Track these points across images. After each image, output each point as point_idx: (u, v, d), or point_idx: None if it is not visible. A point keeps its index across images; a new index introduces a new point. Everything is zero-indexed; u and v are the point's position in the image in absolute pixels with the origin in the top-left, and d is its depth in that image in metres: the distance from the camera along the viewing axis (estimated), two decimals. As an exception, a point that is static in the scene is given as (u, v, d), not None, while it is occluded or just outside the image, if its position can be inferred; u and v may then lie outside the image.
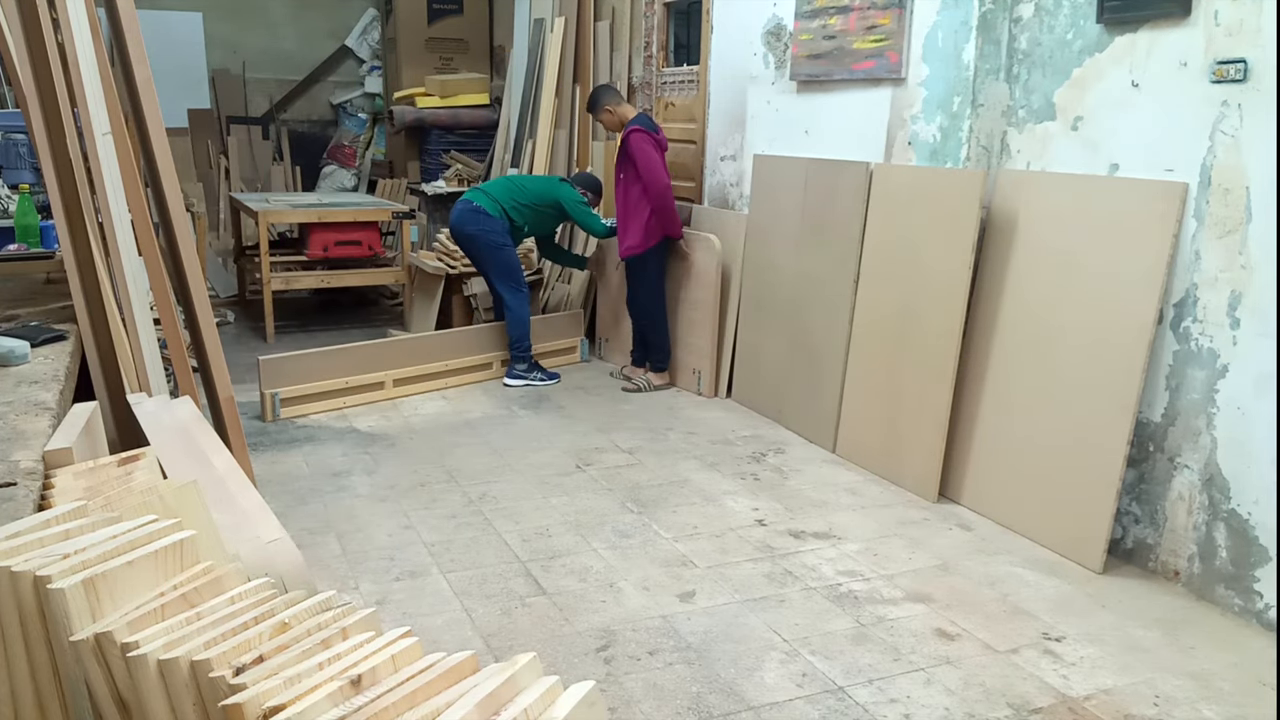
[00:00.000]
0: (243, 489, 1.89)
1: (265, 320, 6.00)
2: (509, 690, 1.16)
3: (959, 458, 3.67)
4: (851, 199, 4.08)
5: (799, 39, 4.49)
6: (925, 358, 3.71)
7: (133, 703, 1.23)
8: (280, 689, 1.13)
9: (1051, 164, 3.44)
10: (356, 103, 10.14)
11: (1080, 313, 3.23)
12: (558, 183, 5.29)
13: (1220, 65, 2.83)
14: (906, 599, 2.94)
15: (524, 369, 5.12)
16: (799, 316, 4.44)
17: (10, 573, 1.30)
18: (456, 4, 8.93)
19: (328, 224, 6.27)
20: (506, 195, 5.14)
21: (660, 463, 4.07)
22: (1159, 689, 2.50)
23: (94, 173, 2.57)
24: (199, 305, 2.80)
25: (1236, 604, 2.88)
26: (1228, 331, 2.88)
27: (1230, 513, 2.89)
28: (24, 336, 2.45)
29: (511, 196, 5.14)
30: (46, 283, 3.23)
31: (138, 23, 2.71)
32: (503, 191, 5.17)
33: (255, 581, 1.39)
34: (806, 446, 4.31)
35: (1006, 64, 3.60)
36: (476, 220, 5.05)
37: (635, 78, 6.33)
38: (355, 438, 4.31)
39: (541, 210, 5.22)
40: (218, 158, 9.43)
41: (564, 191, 5.20)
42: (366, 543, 3.26)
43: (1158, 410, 3.10)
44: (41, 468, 1.77)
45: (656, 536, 3.35)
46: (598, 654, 2.61)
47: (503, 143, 7.73)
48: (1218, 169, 2.88)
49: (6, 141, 4.17)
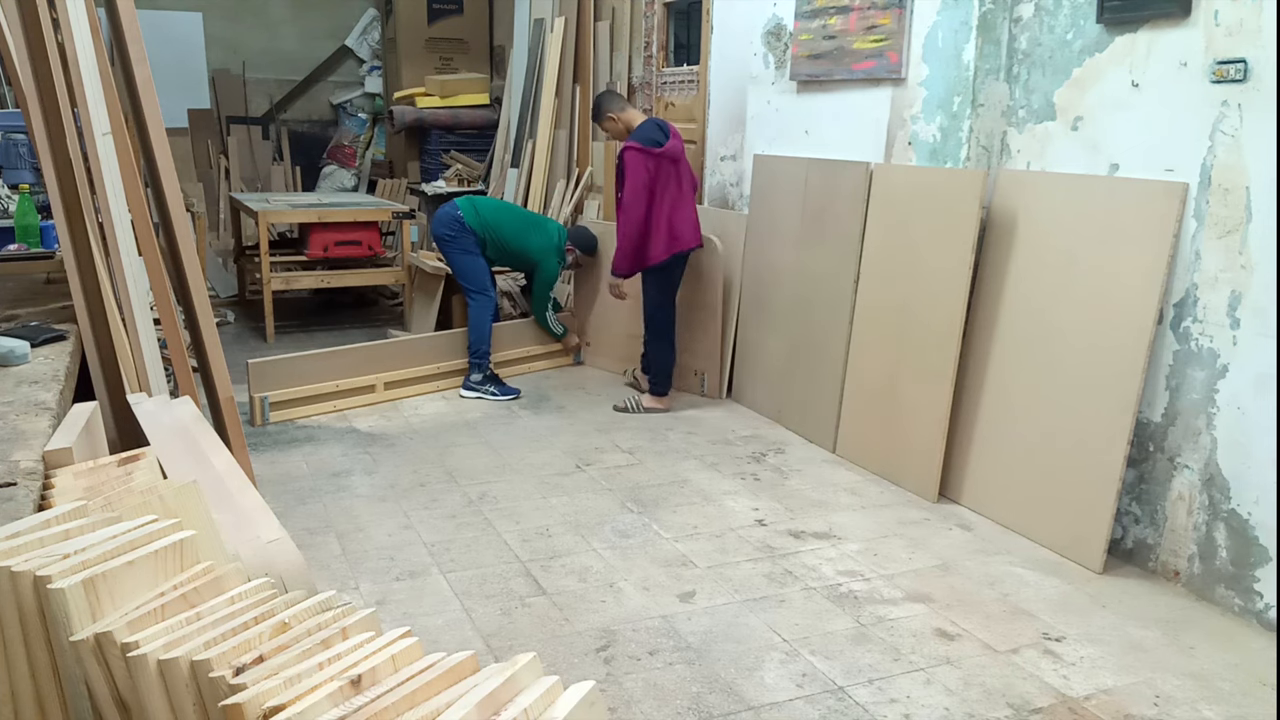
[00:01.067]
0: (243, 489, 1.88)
1: (265, 320, 6.00)
2: (509, 690, 1.16)
3: (959, 458, 3.67)
4: (851, 199, 4.08)
5: (799, 39, 4.49)
6: (925, 358, 3.71)
7: (133, 703, 1.23)
8: (280, 689, 1.13)
9: (1051, 164, 3.44)
10: (356, 103, 10.15)
11: (1080, 313, 3.23)
12: (550, 249, 5.16)
13: (1220, 65, 2.83)
14: (906, 599, 2.94)
15: (478, 380, 4.96)
16: (799, 317, 4.44)
17: (10, 573, 1.30)
18: (456, 4, 8.93)
19: (328, 224, 6.27)
20: (493, 221, 5.07)
21: (660, 463, 4.07)
22: (1159, 689, 2.50)
23: (94, 173, 2.57)
24: (199, 305, 2.80)
25: (1236, 604, 2.88)
26: (1228, 331, 2.88)
27: (1230, 513, 2.89)
28: (24, 336, 2.45)
29: (496, 228, 5.07)
30: (46, 283, 3.23)
31: (138, 23, 2.71)
32: (492, 215, 5.11)
33: (255, 581, 1.39)
34: (806, 446, 4.31)
35: (1006, 64, 3.60)
36: (451, 226, 5.03)
37: (635, 78, 6.34)
38: (355, 438, 4.31)
39: (511, 254, 5.18)
40: (218, 158, 9.43)
41: (546, 262, 5.15)
42: (366, 543, 3.26)
43: (1158, 410, 3.10)
44: (41, 468, 1.77)
45: (656, 536, 3.35)
46: (598, 654, 2.61)
47: (503, 143, 7.74)
48: (1218, 169, 2.88)
49: (6, 141, 4.17)
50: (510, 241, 5.12)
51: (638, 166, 4.41)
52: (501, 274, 5.82)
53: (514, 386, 5.02)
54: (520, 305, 6.03)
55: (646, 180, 4.42)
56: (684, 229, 4.56)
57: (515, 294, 6.11)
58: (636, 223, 4.45)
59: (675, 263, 4.64)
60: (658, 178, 4.45)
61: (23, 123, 2.92)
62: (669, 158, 4.47)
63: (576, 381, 5.29)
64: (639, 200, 4.42)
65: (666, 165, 4.47)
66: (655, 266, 4.58)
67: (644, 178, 4.41)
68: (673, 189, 4.50)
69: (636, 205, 4.42)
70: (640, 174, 4.41)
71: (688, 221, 4.57)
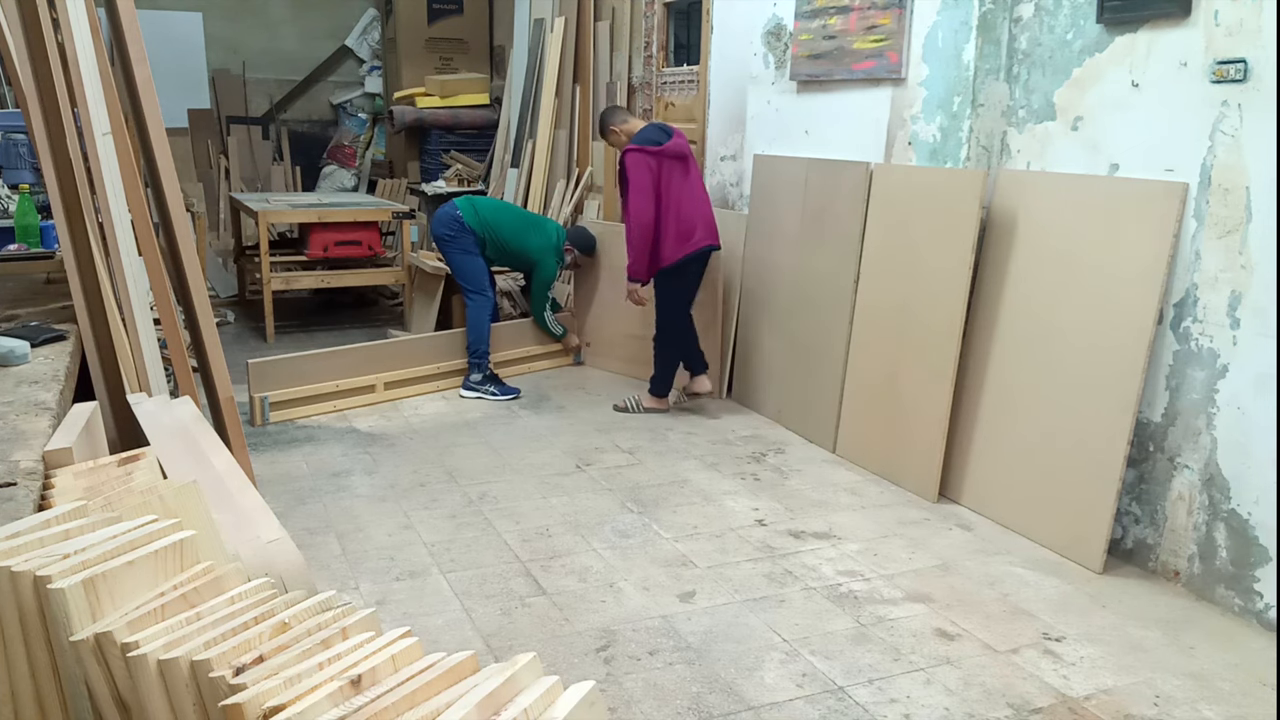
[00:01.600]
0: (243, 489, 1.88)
1: (265, 320, 6.00)
2: (509, 690, 1.15)
3: (959, 458, 3.67)
4: (851, 199, 4.08)
5: (799, 39, 4.49)
6: (925, 358, 3.71)
7: (133, 703, 1.23)
8: (280, 689, 1.13)
9: (1051, 164, 3.44)
10: (356, 103, 10.15)
11: (1080, 313, 3.23)
12: (548, 249, 5.16)
13: (1220, 65, 2.83)
14: (906, 599, 2.94)
15: (478, 380, 4.95)
16: (799, 317, 4.44)
17: (10, 573, 1.30)
18: (456, 4, 8.93)
19: (328, 224, 6.27)
20: (493, 221, 5.08)
21: (660, 463, 4.07)
22: (1159, 689, 2.50)
23: (94, 173, 2.57)
24: (199, 305, 2.80)
25: (1236, 604, 2.88)
26: (1228, 331, 2.88)
27: (1230, 513, 2.89)
28: (24, 336, 2.45)
29: (495, 228, 5.08)
30: (46, 283, 3.23)
31: (138, 23, 2.71)
32: (491, 215, 5.11)
33: (255, 581, 1.39)
34: (806, 446, 4.31)
35: (1006, 64, 3.60)
36: (450, 226, 5.04)
37: (635, 78, 6.34)
38: (355, 438, 4.31)
39: (510, 254, 5.18)
40: (218, 158, 9.43)
41: (545, 261, 5.15)
42: (366, 543, 3.26)
43: (1158, 410, 3.10)
44: (41, 468, 1.77)
45: (656, 536, 3.35)
46: (598, 654, 2.61)
47: (503, 143, 7.74)
48: (1218, 169, 2.88)
49: (6, 141, 4.17)
50: (509, 241, 5.12)
51: (640, 167, 4.32)
52: (501, 274, 5.82)
53: (514, 386, 5.02)
54: (520, 305, 6.04)
55: (651, 180, 4.32)
56: (696, 229, 4.43)
57: (515, 294, 6.11)
58: (645, 225, 4.34)
59: (689, 265, 4.49)
60: (661, 176, 4.35)
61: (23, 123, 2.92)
62: (671, 155, 4.37)
63: (576, 381, 5.29)
64: (646, 201, 4.32)
65: (670, 164, 4.37)
66: (668, 269, 4.46)
67: (648, 178, 4.32)
68: (680, 188, 4.39)
69: (643, 207, 4.32)
70: (644, 175, 4.32)
71: (701, 221, 4.45)
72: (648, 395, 4.75)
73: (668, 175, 4.38)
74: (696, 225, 4.44)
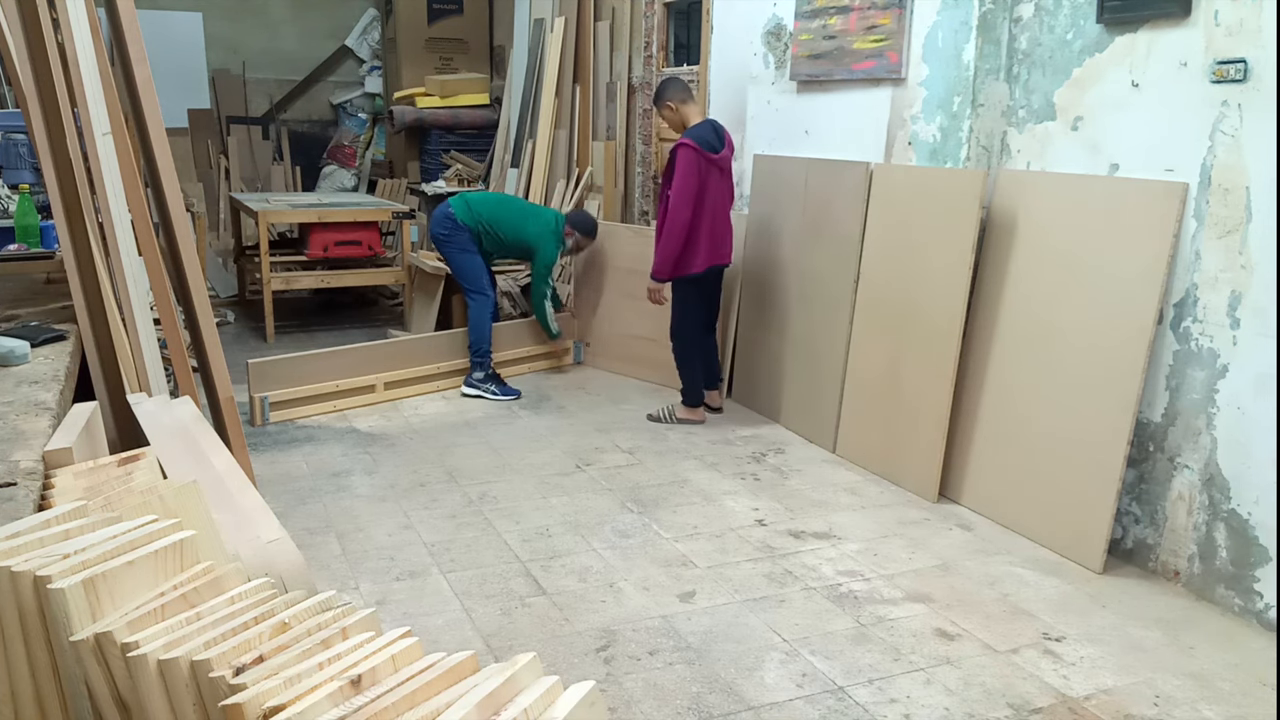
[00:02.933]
0: (243, 489, 1.88)
1: (265, 320, 6.00)
2: (509, 690, 1.15)
3: (959, 458, 3.67)
4: (852, 199, 4.08)
5: (799, 39, 4.49)
6: (925, 357, 3.71)
7: (133, 703, 1.23)
8: (280, 689, 1.13)
9: (1051, 164, 3.44)
10: (356, 103, 10.15)
11: (1080, 313, 3.23)
12: (547, 234, 5.09)
13: (1220, 65, 2.83)
14: (906, 599, 2.94)
15: (480, 378, 4.94)
16: (799, 316, 4.44)
17: (10, 573, 1.30)
18: (456, 4, 8.93)
19: (328, 224, 6.27)
20: (487, 214, 5.06)
21: (660, 463, 4.07)
22: (1159, 689, 2.50)
23: (94, 173, 2.57)
24: (199, 305, 2.80)
25: (1236, 604, 2.88)
26: (1228, 331, 2.88)
27: (1230, 513, 2.89)
28: (24, 336, 2.45)
29: (490, 221, 5.06)
30: (46, 283, 3.23)
31: (138, 23, 2.71)
32: (484, 208, 5.10)
33: (255, 581, 1.39)
34: (806, 446, 4.31)
35: (1006, 64, 3.60)
36: (444, 225, 5.04)
37: (635, 78, 6.34)
38: (355, 438, 4.31)
39: (508, 245, 5.15)
40: (218, 158, 9.43)
41: (544, 246, 5.07)
42: (366, 543, 3.26)
43: (1158, 410, 3.10)
44: (41, 468, 1.77)
45: (656, 536, 3.35)
46: (598, 654, 2.61)
47: (503, 143, 7.74)
48: (1218, 169, 2.88)
49: (6, 141, 4.17)
50: (506, 233, 5.09)
51: (690, 167, 4.22)
52: (501, 274, 5.82)
53: (515, 388, 5.02)
54: (520, 305, 6.03)
55: (697, 184, 4.24)
56: (724, 242, 4.43)
57: (515, 294, 6.11)
58: (683, 225, 4.26)
59: (711, 276, 4.48)
60: (707, 184, 4.28)
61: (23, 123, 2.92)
62: (719, 166, 4.32)
63: (576, 381, 5.29)
64: (687, 203, 4.24)
65: (716, 174, 4.32)
66: (693, 277, 4.40)
67: (695, 181, 4.23)
68: (718, 198, 4.35)
69: (684, 207, 4.24)
70: (692, 176, 4.22)
71: (728, 235, 4.46)
72: (680, 406, 4.63)
73: (713, 184, 4.31)
74: (726, 239, 4.44)
